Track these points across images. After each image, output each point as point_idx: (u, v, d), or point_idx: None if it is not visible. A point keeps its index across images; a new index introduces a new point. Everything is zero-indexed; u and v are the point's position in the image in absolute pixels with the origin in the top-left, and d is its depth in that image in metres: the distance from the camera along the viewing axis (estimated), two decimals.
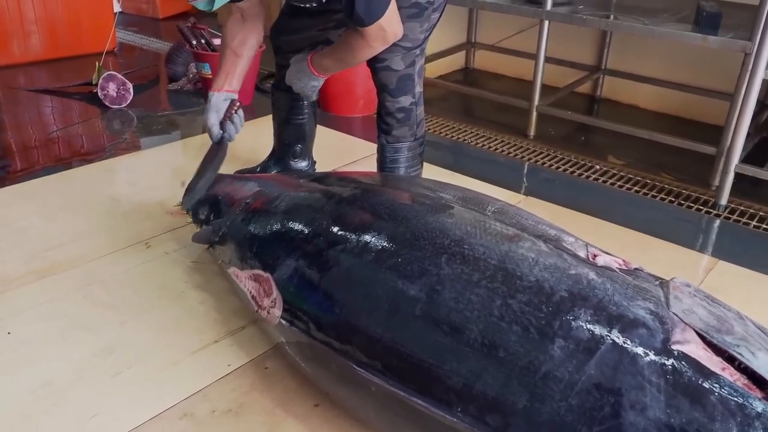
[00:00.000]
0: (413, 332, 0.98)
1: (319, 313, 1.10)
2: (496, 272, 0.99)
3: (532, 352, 0.90)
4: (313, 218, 1.23)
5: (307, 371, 1.21)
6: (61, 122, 2.78)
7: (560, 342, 0.89)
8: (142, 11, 4.77)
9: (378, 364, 1.01)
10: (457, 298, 0.97)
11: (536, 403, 0.87)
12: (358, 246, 1.11)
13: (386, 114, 1.77)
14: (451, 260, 1.02)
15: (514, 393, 0.89)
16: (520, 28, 3.27)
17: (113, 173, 2.28)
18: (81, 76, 3.09)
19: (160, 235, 1.84)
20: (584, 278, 0.97)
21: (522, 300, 0.94)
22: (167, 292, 1.59)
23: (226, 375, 1.33)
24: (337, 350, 1.06)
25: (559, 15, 2.51)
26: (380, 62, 1.67)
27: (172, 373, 1.33)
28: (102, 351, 1.39)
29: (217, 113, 1.66)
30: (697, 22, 2.28)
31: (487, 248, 1.03)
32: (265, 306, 1.22)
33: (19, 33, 3.50)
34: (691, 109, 2.94)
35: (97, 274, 1.65)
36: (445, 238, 1.07)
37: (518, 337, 0.91)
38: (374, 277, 1.06)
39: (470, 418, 0.91)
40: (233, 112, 1.67)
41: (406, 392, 0.97)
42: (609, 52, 3.11)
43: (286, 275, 1.19)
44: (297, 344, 1.19)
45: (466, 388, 0.92)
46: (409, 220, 1.13)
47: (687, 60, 2.87)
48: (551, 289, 0.95)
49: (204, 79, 2.94)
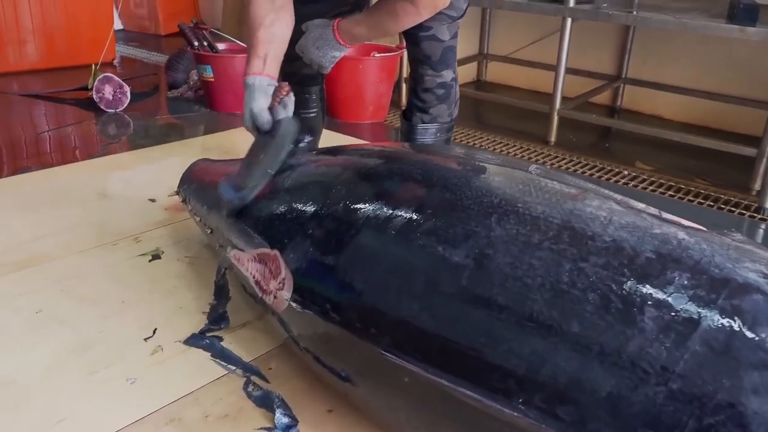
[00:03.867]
0: (459, 306, 0.78)
1: (337, 290, 0.90)
2: (560, 232, 0.80)
3: (616, 325, 0.70)
4: (327, 184, 1.05)
5: (319, 368, 1.01)
6: (53, 125, 2.61)
7: (651, 312, 0.70)
8: (144, 28, 4.67)
9: (413, 348, 0.81)
10: (514, 263, 0.78)
11: (624, 389, 0.67)
12: (384, 209, 0.92)
13: (424, 90, 1.61)
14: (502, 220, 0.83)
15: (593, 378, 0.69)
16: (535, 37, 3.14)
17: (104, 170, 2.10)
18: (77, 83, 2.94)
19: (153, 230, 1.65)
20: (673, 238, 0.78)
21: (597, 263, 0.75)
22: (158, 286, 1.39)
23: (222, 376, 1.13)
24: (361, 333, 0.86)
25: (583, 12, 2.37)
26: (425, 30, 1.53)
27: (159, 372, 1.13)
28: (77, 347, 1.18)
29: (265, 97, 1.31)
30: (731, 17, 2.13)
31: (546, 206, 0.84)
32: (272, 289, 1.02)
33: (14, 41, 3.37)
34: (719, 119, 2.78)
35: (79, 268, 1.46)
36: (493, 196, 0.88)
37: (596, 307, 0.72)
38: (406, 242, 0.86)
39: (536, 412, 0.71)
40: (283, 95, 1.31)
41: (451, 382, 0.77)
42: (630, 60, 2.96)
43: (298, 250, 0.99)
44: (309, 332, 0.99)
45: (529, 373, 0.72)
46: (446, 179, 0.94)
47: (715, 67, 2.72)
48: (633, 250, 0.76)
49: (205, 82, 2.78)
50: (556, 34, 2.52)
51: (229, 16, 3.70)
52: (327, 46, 1.50)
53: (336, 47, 1.50)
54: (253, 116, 1.31)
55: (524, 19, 3.15)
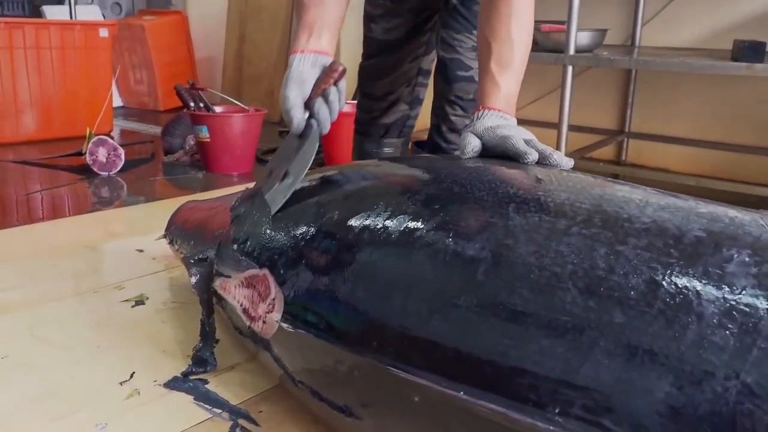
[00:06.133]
0: (476, 305, 0.66)
1: (332, 300, 0.78)
2: (591, 216, 0.69)
3: (667, 311, 0.58)
4: (318, 194, 0.94)
5: (317, 404, 0.87)
6: (45, 186, 2.54)
7: (709, 292, 0.58)
8: (144, 104, 4.69)
9: (423, 359, 0.68)
10: (539, 252, 0.66)
11: (686, 388, 0.55)
12: (384, 209, 0.81)
13: (450, 131, 1.55)
14: (522, 209, 0.72)
15: (646, 376, 0.56)
16: (535, 96, 3.12)
17: (91, 225, 2.00)
18: (72, 150, 2.89)
19: (138, 278, 1.54)
20: (723, 216, 0.67)
21: (639, 245, 0.64)
22: (139, 331, 1.26)
23: (206, 420, 0.98)
24: (362, 348, 0.73)
25: (583, 58, 2.34)
26: (464, 70, 1.48)
27: (134, 417, 0.99)
28: (42, 394, 1.04)
29: (301, 87, 1.00)
30: (737, 56, 2.10)
31: (572, 193, 0.74)
32: (260, 314, 0.90)
33: (12, 114, 3.36)
34: (729, 169, 2.70)
35: (54, 315, 1.33)
36: (509, 186, 0.77)
37: (641, 293, 0.60)
38: (410, 239, 0.75)
39: (576, 423, 0.58)
40: (330, 84, 1.00)
41: (469, 395, 0.64)
42: (632, 114, 2.92)
43: (289, 265, 0.88)
44: (304, 359, 0.86)
45: (566, 376, 0.59)
46: (453, 175, 0.84)
47: (720, 116, 2.67)
48: (679, 230, 0.65)
49: (201, 143, 2.73)
50: (556, 92, 2.49)
51: (228, 80, 3.72)
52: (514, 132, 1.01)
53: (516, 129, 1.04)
54: (284, 115, 1.02)
55: (524, 77, 3.13)
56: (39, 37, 3.35)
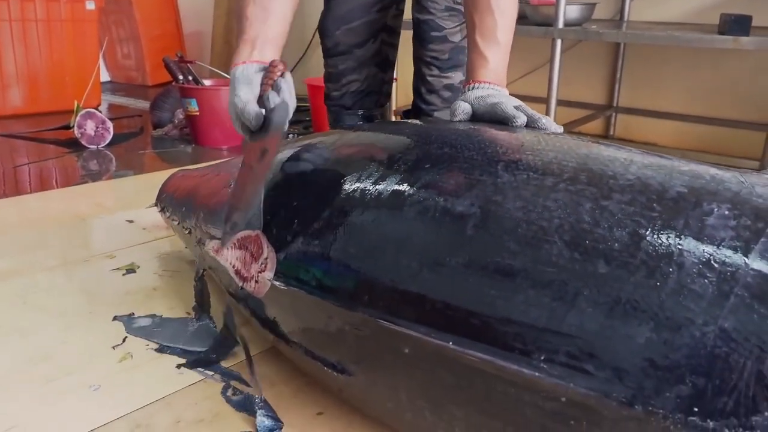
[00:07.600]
0: (464, 258, 0.68)
1: (324, 258, 0.80)
2: (577, 174, 0.70)
3: (650, 261, 0.60)
4: (309, 156, 0.95)
5: (310, 363, 0.88)
6: (33, 159, 2.52)
7: (690, 243, 0.60)
8: (132, 79, 4.65)
9: (414, 311, 0.69)
10: (527, 207, 0.68)
11: (666, 333, 0.57)
12: (375, 170, 0.82)
13: (429, 92, 1.52)
14: (510, 167, 0.74)
15: (628, 323, 0.58)
16: (524, 71, 3.13)
17: (79, 197, 2.00)
18: (60, 124, 2.87)
19: (129, 248, 1.54)
20: (705, 173, 0.69)
21: (622, 200, 0.65)
22: (130, 298, 1.27)
23: (198, 381, 1.00)
24: (354, 303, 0.75)
25: (572, 32, 2.35)
26: (437, 31, 1.46)
27: (126, 379, 1.00)
28: (34, 357, 1.05)
29: (250, 86, 0.99)
30: (723, 29, 2.11)
31: (559, 152, 0.75)
32: (253, 274, 0.91)
33: None
34: (714, 144, 2.73)
35: (46, 282, 1.34)
36: (498, 147, 0.79)
37: (625, 244, 0.62)
38: (400, 197, 0.76)
39: (561, 369, 0.60)
40: (275, 78, 0.99)
41: (458, 344, 0.66)
42: (620, 89, 2.94)
43: (281, 225, 0.89)
44: (295, 315, 0.87)
45: (551, 324, 0.61)
46: (443, 137, 0.85)
47: (707, 90, 2.69)
48: (662, 186, 0.67)
49: (190, 117, 2.72)
50: (545, 68, 2.49)
51: (217, 54, 3.69)
52: (505, 100, 1.01)
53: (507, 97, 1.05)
54: (238, 113, 0.99)
55: (513, 53, 3.13)
56: (24, 9, 3.30)
